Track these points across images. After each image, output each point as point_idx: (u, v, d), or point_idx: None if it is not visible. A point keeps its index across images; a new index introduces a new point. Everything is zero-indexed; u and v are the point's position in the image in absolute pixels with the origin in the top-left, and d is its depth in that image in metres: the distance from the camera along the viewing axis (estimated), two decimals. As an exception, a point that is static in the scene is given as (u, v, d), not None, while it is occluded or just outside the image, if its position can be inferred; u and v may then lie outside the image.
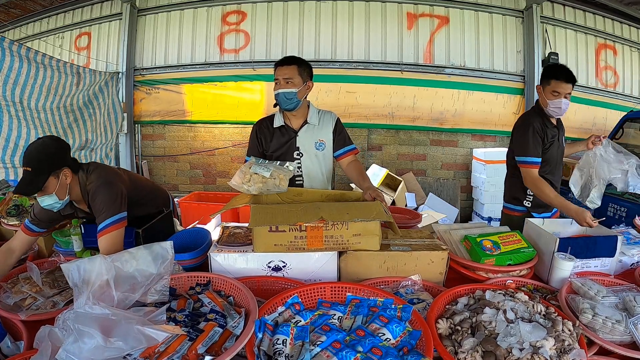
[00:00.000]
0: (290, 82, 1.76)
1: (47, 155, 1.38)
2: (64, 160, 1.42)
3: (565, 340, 0.93)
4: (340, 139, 1.95)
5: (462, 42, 4.64)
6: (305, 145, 1.88)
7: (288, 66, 1.77)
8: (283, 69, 1.77)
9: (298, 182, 1.91)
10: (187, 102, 4.79)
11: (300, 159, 1.89)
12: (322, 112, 1.97)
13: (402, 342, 0.93)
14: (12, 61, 2.71)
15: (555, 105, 1.91)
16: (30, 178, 1.33)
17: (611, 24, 5.04)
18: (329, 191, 1.61)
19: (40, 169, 1.35)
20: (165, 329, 0.86)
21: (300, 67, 1.79)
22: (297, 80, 1.77)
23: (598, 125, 5.09)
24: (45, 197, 1.38)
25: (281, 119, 1.89)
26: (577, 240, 1.41)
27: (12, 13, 5.32)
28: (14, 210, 1.60)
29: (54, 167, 1.37)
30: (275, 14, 4.63)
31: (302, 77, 1.80)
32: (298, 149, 1.89)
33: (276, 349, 0.88)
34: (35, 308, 1.15)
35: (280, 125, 1.88)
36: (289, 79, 1.76)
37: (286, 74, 1.76)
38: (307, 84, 1.83)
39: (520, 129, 2.00)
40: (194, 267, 1.37)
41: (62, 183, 1.40)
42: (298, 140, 1.88)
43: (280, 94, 1.77)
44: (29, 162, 1.34)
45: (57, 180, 1.38)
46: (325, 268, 1.27)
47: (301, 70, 1.79)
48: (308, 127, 1.89)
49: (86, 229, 1.47)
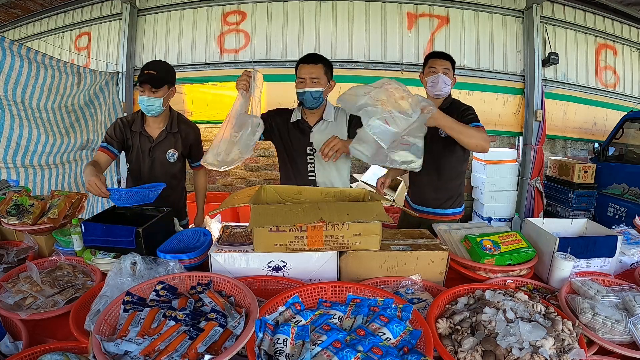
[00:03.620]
0: (317, 81, 1.75)
1: (168, 69, 1.89)
2: (175, 80, 1.93)
3: (564, 340, 0.93)
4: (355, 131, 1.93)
5: (462, 42, 4.64)
6: (318, 141, 1.87)
7: (315, 65, 1.76)
8: (309, 67, 1.76)
9: (311, 177, 1.92)
10: (187, 102, 4.79)
11: (314, 154, 1.89)
12: (337, 108, 1.95)
13: (403, 341, 0.93)
14: (12, 61, 2.71)
15: (432, 80, 1.88)
16: (154, 77, 1.79)
17: (611, 24, 5.04)
18: (329, 189, 1.61)
19: (162, 75, 1.82)
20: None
21: (326, 66, 1.80)
22: (323, 80, 1.77)
23: (598, 125, 5.10)
24: (155, 98, 1.81)
25: (299, 114, 1.89)
26: (577, 240, 1.41)
27: (12, 13, 5.33)
28: (14, 210, 1.60)
29: (170, 79, 1.87)
30: (275, 14, 4.63)
31: (327, 77, 1.80)
32: (311, 145, 1.89)
33: (277, 348, 0.88)
34: (35, 307, 1.15)
35: (297, 119, 1.89)
36: (316, 78, 1.75)
37: (313, 73, 1.75)
38: (331, 83, 1.84)
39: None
40: (194, 266, 1.37)
41: (168, 95, 1.89)
42: (312, 136, 1.88)
43: (307, 93, 1.76)
44: (155, 68, 1.82)
45: (167, 90, 1.86)
46: (325, 268, 1.27)
47: (326, 70, 1.79)
48: (323, 124, 1.89)
49: (86, 228, 1.47)
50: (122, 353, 0.84)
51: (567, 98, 4.86)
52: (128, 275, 1.15)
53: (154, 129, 1.98)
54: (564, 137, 5.05)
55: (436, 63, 1.88)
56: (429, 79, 1.89)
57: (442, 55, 1.92)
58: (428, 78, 1.89)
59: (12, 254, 1.49)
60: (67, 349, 0.96)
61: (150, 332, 0.90)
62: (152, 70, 1.81)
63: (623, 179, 3.97)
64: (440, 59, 1.89)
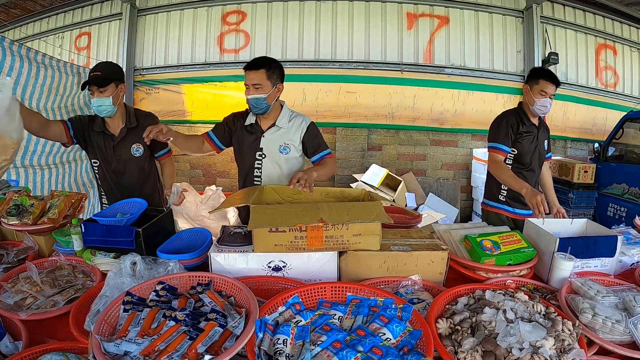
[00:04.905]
0: (259, 87, 1.73)
1: (114, 68, 1.89)
2: (123, 78, 1.91)
3: (565, 340, 0.93)
4: (314, 145, 1.92)
5: (462, 42, 4.64)
6: (269, 147, 1.88)
7: (256, 71, 1.74)
8: (251, 74, 1.75)
9: (256, 181, 1.92)
10: (187, 102, 4.80)
11: (262, 160, 1.89)
12: (295, 115, 1.94)
13: (403, 341, 0.93)
14: (12, 61, 2.71)
15: (542, 103, 2.04)
16: (99, 78, 1.77)
17: (611, 24, 5.04)
18: (329, 189, 1.61)
19: (107, 75, 1.81)
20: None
21: (269, 70, 1.76)
22: (265, 85, 1.74)
23: (598, 125, 5.10)
24: (103, 98, 1.80)
25: (253, 118, 1.89)
26: (577, 240, 1.41)
27: (12, 13, 5.33)
28: (14, 210, 1.60)
29: (117, 77, 1.85)
30: (275, 14, 4.63)
31: (272, 81, 1.76)
32: (261, 150, 1.88)
33: (277, 348, 0.88)
34: (35, 307, 1.15)
35: (250, 123, 1.89)
36: (258, 84, 1.73)
37: (254, 79, 1.73)
38: (277, 87, 1.80)
39: (495, 121, 2.19)
40: (194, 266, 1.37)
41: (118, 93, 1.86)
42: (263, 141, 1.88)
43: (250, 100, 1.76)
44: (100, 69, 1.82)
45: (116, 88, 1.84)
46: (325, 268, 1.27)
47: (270, 74, 1.75)
48: (275, 130, 1.88)
49: (86, 228, 1.47)
50: (122, 353, 0.84)
51: (567, 98, 4.87)
52: (128, 276, 1.14)
53: (114, 128, 1.97)
54: (564, 137, 5.05)
55: (549, 88, 2.02)
56: (539, 101, 2.05)
57: (556, 81, 2.03)
58: (538, 100, 2.05)
59: (12, 254, 1.49)
60: (67, 349, 0.96)
61: (150, 333, 0.90)
62: (97, 72, 1.81)
63: (623, 179, 3.97)
64: (553, 85, 2.03)
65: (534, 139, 2.14)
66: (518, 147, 2.11)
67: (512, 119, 2.11)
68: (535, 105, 2.06)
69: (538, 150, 2.17)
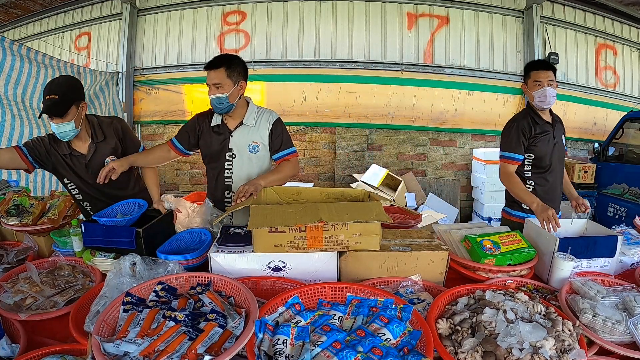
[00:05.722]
0: (220, 86, 1.70)
1: (71, 87, 1.65)
2: (83, 94, 1.69)
3: (565, 341, 0.93)
4: (277, 143, 1.87)
5: (462, 42, 4.64)
6: (238, 146, 1.85)
7: (216, 70, 1.70)
8: (211, 73, 1.71)
9: (227, 182, 1.89)
10: (187, 102, 4.80)
11: (232, 160, 1.86)
12: (261, 111, 1.89)
13: (403, 342, 0.93)
14: (13, 61, 2.72)
15: (540, 94, 1.93)
16: (56, 104, 1.56)
17: (611, 24, 5.04)
18: (329, 189, 1.61)
19: (65, 98, 1.59)
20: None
21: (229, 68, 1.71)
22: (226, 84, 1.70)
23: (598, 125, 5.10)
24: (64, 124, 1.61)
25: (218, 118, 1.85)
26: (577, 240, 1.41)
27: (12, 13, 5.33)
28: (14, 210, 1.60)
29: (76, 97, 1.64)
30: (275, 14, 4.63)
31: (233, 79, 1.72)
32: (231, 150, 1.85)
33: (277, 349, 0.88)
34: (35, 308, 1.15)
35: (217, 124, 1.85)
36: (218, 84, 1.70)
37: (214, 79, 1.70)
38: (240, 84, 1.76)
39: (505, 128, 2.07)
40: (194, 267, 1.37)
41: (79, 113, 1.67)
42: (232, 141, 1.85)
43: (211, 100, 1.73)
44: (56, 91, 1.58)
45: (76, 110, 1.64)
46: (325, 268, 1.27)
47: (230, 72, 1.71)
48: (243, 129, 1.84)
49: (86, 228, 1.47)
50: (122, 354, 0.84)
51: (567, 98, 4.87)
52: (128, 276, 1.14)
53: (81, 147, 1.81)
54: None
55: (540, 75, 1.91)
56: (536, 94, 1.93)
57: (544, 66, 1.93)
58: (535, 92, 1.93)
59: (12, 254, 1.49)
60: (65, 351, 0.96)
61: (149, 333, 0.90)
62: (53, 95, 1.59)
63: (623, 179, 3.97)
64: (543, 71, 1.91)
65: (550, 137, 2.01)
66: (534, 151, 1.99)
67: (522, 123, 1.98)
68: (535, 99, 1.95)
69: (557, 148, 2.04)
